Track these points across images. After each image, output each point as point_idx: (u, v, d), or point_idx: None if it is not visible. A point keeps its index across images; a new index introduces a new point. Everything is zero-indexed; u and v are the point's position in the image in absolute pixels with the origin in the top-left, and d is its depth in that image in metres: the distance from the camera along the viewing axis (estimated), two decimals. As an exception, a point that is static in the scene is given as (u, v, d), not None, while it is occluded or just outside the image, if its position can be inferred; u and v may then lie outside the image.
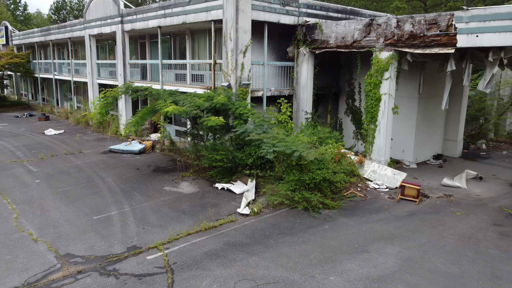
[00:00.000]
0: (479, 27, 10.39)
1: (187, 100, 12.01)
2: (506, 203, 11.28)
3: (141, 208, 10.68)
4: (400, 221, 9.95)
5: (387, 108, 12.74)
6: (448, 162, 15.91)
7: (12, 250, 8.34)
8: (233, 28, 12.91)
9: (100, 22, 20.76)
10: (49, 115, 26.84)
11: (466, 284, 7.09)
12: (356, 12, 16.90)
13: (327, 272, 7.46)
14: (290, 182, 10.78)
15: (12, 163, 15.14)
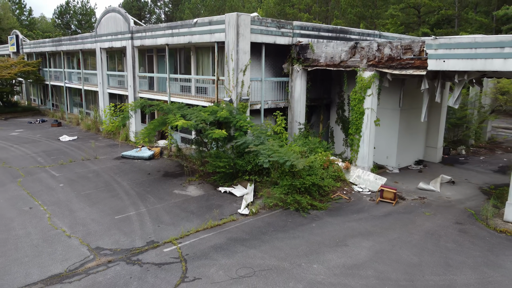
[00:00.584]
0: (445, 54, 12.11)
1: (194, 115, 13.72)
2: (471, 205, 13.00)
3: (155, 209, 12.40)
4: (377, 220, 11.67)
5: (370, 120, 14.47)
6: (428, 167, 17.64)
7: (51, 245, 10.06)
8: (234, 50, 14.63)
9: (111, 37, 22.49)
10: (61, 121, 28.54)
11: (423, 271, 8.82)
12: (345, 31, 18.62)
13: (312, 261, 9.18)
14: (284, 186, 12.50)
15: (36, 169, 16.86)
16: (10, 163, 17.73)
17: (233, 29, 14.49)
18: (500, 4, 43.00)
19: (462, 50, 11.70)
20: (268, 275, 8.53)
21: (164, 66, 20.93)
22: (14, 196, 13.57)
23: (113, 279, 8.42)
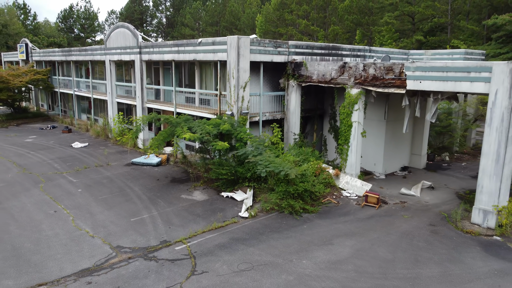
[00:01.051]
0: (421, 75, 13.75)
1: (199, 127, 15.36)
2: (445, 208, 14.64)
3: (165, 212, 14.04)
4: (360, 222, 13.31)
5: (357, 132, 16.10)
6: (412, 173, 19.29)
7: (78, 244, 11.70)
8: (235, 68, 16.27)
9: (120, 50, 24.13)
10: (71, 128, 30.17)
11: (395, 266, 10.46)
12: (337, 48, 20.26)
13: (301, 257, 10.82)
14: (279, 192, 14.14)
15: (54, 175, 18.50)
16: (30, 169, 19.38)
17: (234, 50, 16.13)
18: (491, 12, 44.66)
19: (436, 73, 13.34)
20: (265, 269, 10.17)
21: (170, 78, 22.59)
22: (39, 200, 15.21)
23: (134, 273, 10.06)
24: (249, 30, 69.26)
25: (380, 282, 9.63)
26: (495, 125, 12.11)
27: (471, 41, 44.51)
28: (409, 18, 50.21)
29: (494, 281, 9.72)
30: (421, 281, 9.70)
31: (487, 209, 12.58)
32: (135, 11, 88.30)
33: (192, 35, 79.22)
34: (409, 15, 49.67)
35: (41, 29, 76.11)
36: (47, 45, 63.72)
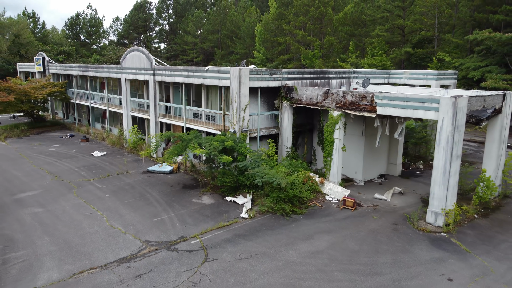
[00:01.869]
0: (388, 103, 17.00)
1: (207, 143, 18.62)
2: (409, 210, 17.90)
3: (181, 214, 17.31)
4: (337, 222, 16.58)
5: (338, 147, 19.37)
6: (388, 180, 22.56)
7: (114, 239, 14.96)
8: (237, 94, 19.54)
9: (135, 71, 27.40)
10: (88, 137, 33.43)
11: (359, 255, 13.72)
12: (324, 72, 23.53)
13: (289, 249, 14.08)
14: (273, 197, 17.39)
15: (83, 182, 21.77)
16: (61, 176, 22.65)
17: (236, 79, 19.41)
18: (475, 27, 47.86)
19: (398, 102, 16.60)
20: (260, 257, 13.44)
21: (179, 96, 25.87)
22: (75, 204, 18.49)
23: (161, 260, 13.32)
24: (249, 39, 72.54)
25: (346, 267, 12.90)
26: (442, 145, 15.39)
27: (456, 53, 47.79)
28: (399, 30, 53.46)
29: (431, 266, 12.99)
30: (377, 266, 12.97)
31: (437, 212, 15.85)
32: (139, 18, 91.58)
33: (194, 42, 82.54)
34: (399, 28, 52.90)
35: (49, 36, 79.32)
36: (57, 53, 66.96)
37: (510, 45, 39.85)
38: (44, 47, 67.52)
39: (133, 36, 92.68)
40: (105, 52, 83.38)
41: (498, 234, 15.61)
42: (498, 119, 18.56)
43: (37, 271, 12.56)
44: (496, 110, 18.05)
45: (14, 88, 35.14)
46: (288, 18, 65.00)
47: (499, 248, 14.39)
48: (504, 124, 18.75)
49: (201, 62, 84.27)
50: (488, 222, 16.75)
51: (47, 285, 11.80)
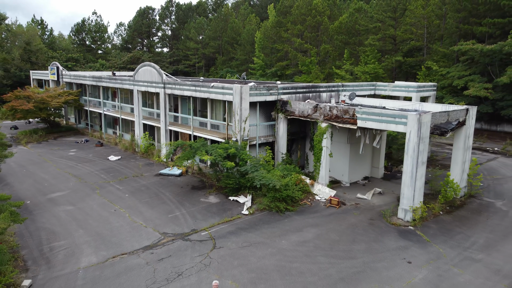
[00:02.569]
0: (366, 117, 20.10)
1: (213, 151, 21.72)
2: (385, 208, 20.98)
3: (191, 211, 20.41)
4: (323, 218, 19.69)
5: (326, 154, 22.48)
6: (371, 182, 25.66)
7: (137, 231, 18.06)
8: (239, 108, 22.66)
9: (147, 83, 30.52)
10: (102, 142, 36.54)
11: (339, 244, 16.82)
12: (316, 87, 26.63)
13: (282, 239, 17.19)
14: (269, 197, 20.50)
15: (104, 183, 24.88)
16: (84, 179, 25.77)
17: (238, 95, 22.53)
18: (462, 36, 50.95)
19: (375, 117, 19.72)
20: (258, 245, 16.56)
21: (186, 106, 28.98)
22: (100, 202, 21.60)
23: (178, 247, 16.43)
24: (248, 45, 75.62)
25: (327, 253, 16.02)
26: (410, 153, 18.51)
27: (443, 62, 50.89)
28: (391, 39, 56.54)
29: (396, 252, 16.11)
30: (352, 252, 16.08)
31: (406, 209, 18.96)
32: (143, 24, 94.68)
33: (196, 48, 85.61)
34: (391, 37, 56.00)
35: (56, 42, 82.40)
36: (65, 60, 70.07)
37: (491, 56, 42.95)
38: (53, 54, 70.64)
39: (137, 42, 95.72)
40: (110, 57, 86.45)
41: (456, 227, 18.73)
42: (462, 130, 21.68)
43: (79, 256, 15.69)
44: (460, 122, 21.17)
45: (33, 96, 38.26)
46: (286, 26, 68.12)
47: (454, 238, 17.52)
48: (467, 134, 21.86)
49: (203, 67, 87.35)
50: (451, 218, 19.88)
51: (89, 266, 14.91)
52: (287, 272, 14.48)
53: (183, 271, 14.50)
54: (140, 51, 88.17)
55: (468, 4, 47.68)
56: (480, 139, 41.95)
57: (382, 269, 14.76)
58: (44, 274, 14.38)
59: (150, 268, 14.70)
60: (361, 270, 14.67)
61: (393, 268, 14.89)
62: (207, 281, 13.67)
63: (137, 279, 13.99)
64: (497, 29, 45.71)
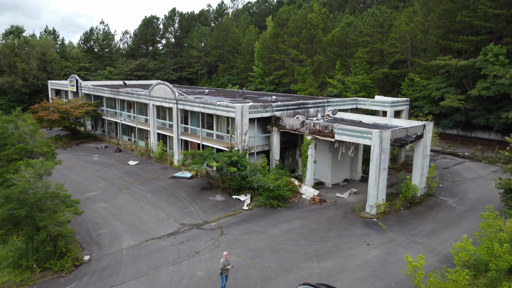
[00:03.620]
0: (341, 132, 25.28)
1: (220, 158, 26.89)
2: (357, 204, 26.12)
3: (202, 207, 25.59)
4: (307, 212, 24.87)
5: (311, 161, 27.66)
6: (350, 183, 30.83)
7: (161, 222, 23.25)
8: (240, 123, 27.84)
9: (161, 99, 35.70)
10: (120, 148, 41.71)
11: (317, 231, 22.00)
12: (304, 104, 31.79)
13: (273, 228, 22.39)
14: (264, 196, 25.67)
15: (128, 184, 30.05)
16: (111, 181, 30.94)
17: (239, 113, 27.71)
18: (442, 50, 56.10)
19: (348, 132, 24.89)
20: (255, 233, 21.74)
21: (195, 118, 34.15)
22: (128, 200, 26.77)
23: (194, 234, 21.62)
24: (248, 55, 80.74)
25: (307, 238, 21.20)
26: (374, 161, 23.68)
27: (425, 74, 56.02)
28: (378, 52, 61.68)
29: (360, 237, 21.28)
30: (326, 237, 21.26)
31: (372, 205, 24.15)
32: (148, 33, 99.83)
33: (198, 56, 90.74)
34: (378, 50, 61.15)
35: (66, 51, 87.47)
36: (78, 69, 75.20)
37: (464, 70, 48.12)
38: (66, 64, 75.76)
39: (142, 49, 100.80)
40: (117, 64, 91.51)
41: (410, 219, 23.93)
42: (421, 142, 26.88)
43: (120, 240, 20.87)
44: (418, 136, 26.37)
45: (58, 107, 43.44)
46: (283, 37, 73.26)
47: (407, 228, 22.71)
48: (425, 145, 27.06)
49: (205, 74, 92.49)
50: (408, 212, 25.08)
51: (129, 247, 20.10)
52: (277, 251, 19.68)
53: (200, 250, 19.70)
54: (145, 58, 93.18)
55: (446, 22, 52.85)
56: (454, 145, 47.19)
57: (347, 249, 19.96)
58: (97, 252, 19.58)
59: (174, 248, 19.89)
60: (331, 250, 19.87)
61: (355, 248, 20.09)
62: (218, 256, 18.84)
63: (166, 255, 19.18)
64: (471, 46, 50.92)
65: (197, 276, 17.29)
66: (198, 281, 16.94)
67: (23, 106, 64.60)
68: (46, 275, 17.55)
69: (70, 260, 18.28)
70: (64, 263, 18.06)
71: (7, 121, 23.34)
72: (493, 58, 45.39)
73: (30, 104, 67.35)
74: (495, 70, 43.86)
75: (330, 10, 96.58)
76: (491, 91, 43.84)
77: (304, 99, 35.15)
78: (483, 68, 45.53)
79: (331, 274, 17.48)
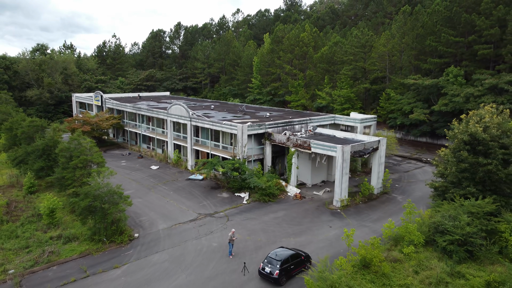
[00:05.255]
0: (316, 146, 34.11)
1: (225, 165, 35.76)
2: (328, 200, 34.94)
3: (212, 202, 34.47)
4: (290, 205, 33.72)
5: (294, 167, 36.53)
6: (326, 184, 39.64)
7: (184, 212, 32.15)
8: (241, 138, 36.72)
9: (177, 117, 44.55)
10: (142, 154, 50.56)
11: (296, 218, 30.88)
12: (291, 122, 40.61)
13: (265, 216, 31.26)
14: (259, 193, 34.52)
15: (154, 185, 38.91)
16: (140, 182, 39.78)
17: (240, 130, 36.59)
18: (414, 69, 64.91)
19: (321, 146, 33.71)
20: (251, 219, 30.62)
21: (205, 133, 43.00)
22: (157, 197, 35.62)
23: (208, 220, 30.49)
24: (247, 68, 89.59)
25: (288, 222, 30.05)
26: (338, 168, 32.51)
27: (400, 89, 64.83)
28: (361, 69, 70.50)
29: (326, 222, 30.13)
30: (302, 222, 30.14)
31: (337, 200, 33.01)
32: (156, 45, 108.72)
33: (202, 68, 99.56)
34: (361, 67, 69.97)
35: (83, 63, 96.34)
36: (95, 82, 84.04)
37: (430, 88, 56.93)
38: (84, 77, 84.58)
39: (151, 61, 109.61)
40: (128, 74, 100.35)
41: (365, 210, 32.78)
42: (376, 153, 35.74)
43: (156, 224, 29.74)
44: (374, 148, 35.23)
45: (89, 121, 52.30)
46: (279, 53, 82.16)
47: (360, 216, 31.55)
48: (380, 155, 35.89)
49: (208, 84, 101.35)
50: (365, 206, 33.93)
51: (164, 228, 28.97)
52: (266, 231, 28.53)
53: (213, 230, 28.56)
54: (153, 70, 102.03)
55: (418, 45, 61.69)
56: (421, 151, 56.04)
57: (315, 230, 28.83)
58: (142, 232, 28.45)
59: (195, 230, 28.74)
60: (304, 230, 28.73)
61: (321, 229, 28.95)
62: (226, 235, 27.62)
63: (190, 234, 28.05)
64: (437, 67, 59.78)
65: (213, 246, 26.16)
66: (213, 249, 25.80)
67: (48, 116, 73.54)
68: (111, 246, 26.39)
69: (126, 236, 27.13)
70: (123, 238, 26.91)
71: (72, 139, 32.11)
72: (453, 79, 54.31)
73: (55, 113, 76.30)
74: (453, 89, 52.77)
75: (323, 24, 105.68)
76: (449, 107, 52.74)
77: (292, 115, 43.96)
78: (444, 86, 54.45)
79: (302, 245, 26.34)
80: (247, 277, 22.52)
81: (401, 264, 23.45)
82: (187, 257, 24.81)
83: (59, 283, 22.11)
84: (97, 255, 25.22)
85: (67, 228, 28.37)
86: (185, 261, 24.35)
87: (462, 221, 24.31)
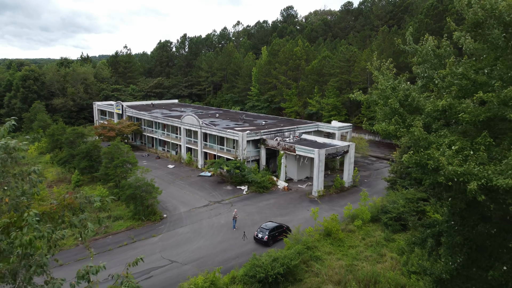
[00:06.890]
0: (299, 150, 44.20)
1: (230, 164, 45.94)
2: (309, 191, 45.04)
3: (219, 192, 44.64)
4: (279, 195, 43.87)
5: (283, 166, 46.65)
6: (309, 179, 49.74)
7: (198, 200, 42.36)
8: (242, 143, 46.87)
9: (189, 125, 54.70)
10: (159, 155, 60.71)
11: (283, 204, 41.06)
12: (281, 130, 50.76)
13: (259, 203, 41.45)
14: (255, 186, 44.66)
15: (172, 180, 49.08)
16: (161, 178, 49.93)
17: (241, 137, 46.77)
18: (392, 80, 74.81)
19: (303, 149, 43.86)
20: (249, 205, 40.79)
21: (212, 138, 53.16)
22: (176, 189, 45.80)
23: (217, 206, 40.69)
24: (247, 77, 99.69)
25: (277, 207, 40.23)
26: (316, 166, 42.63)
27: (379, 98, 74.76)
28: (346, 81, 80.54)
29: (305, 207, 40.29)
30: (287, 207, 40.30)
31: (315, 191, 43.17)
32: (163, 55, 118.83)
33: (206, 76, 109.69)
34: (347, 79, 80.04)
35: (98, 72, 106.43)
36: (111, 90, 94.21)
37: (402, 99, 66.91)
38: (101, 86, 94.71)
39: (159, 69, 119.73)
40: (138, 82, 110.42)
41: (336, 199, 42.92)
42: (347, 155, 45.89)
43: (178, 208, 39.93)
44: (345, 151, 45.39)
45: (113, 127, 62.47)
46: (275, 65, 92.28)
47: (332, 202, 41.70)
48: (350, 156, 46.02)
49: (212, 91, 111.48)
50: (337, 195, 44.07)
51: (184, 211, 39.16)
52: (260, 213, 38.69)
53: (221, 212, 38.74)
54: (161, 78, 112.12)
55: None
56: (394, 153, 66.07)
57: (296, 212, 38.98)
58: (168, 214, 38.63)
59: (207, 212, 38.91)
60: (288, 213, 38.88)
61: (301, 211, 39.08)
62: (230, 216, 37.72)
63: (204, 215, 38.22)
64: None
65: (221, 223, 36.31)
66: (221, 225, 35.95)
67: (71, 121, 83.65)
68: (148, 223, 36.53)
69: (158, 216, 37.27)
70: (156, 217, 37.04)
71: (113, 145, 42.26)
72: (420, 91, 64.40)
73: (77, 119, 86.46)
74: (419, 101, 62.87)
75: (316, 36, 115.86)
76: (416, 116, 62.80)
77: (284, 123, 54.08)
78: (413, 98, 64.51)
79: (286, 222, 36.44)
80: (246, 241, 32.67)
81: (354, 233, 33.66)
82: (203, 230, 34.95)
83: (116, 246, 32.27)
84: (139, 229, 35.38)
85: (114, 211, 38.56)
86: (202, 232, 34.50)
87: (399, 204, 34.49)
